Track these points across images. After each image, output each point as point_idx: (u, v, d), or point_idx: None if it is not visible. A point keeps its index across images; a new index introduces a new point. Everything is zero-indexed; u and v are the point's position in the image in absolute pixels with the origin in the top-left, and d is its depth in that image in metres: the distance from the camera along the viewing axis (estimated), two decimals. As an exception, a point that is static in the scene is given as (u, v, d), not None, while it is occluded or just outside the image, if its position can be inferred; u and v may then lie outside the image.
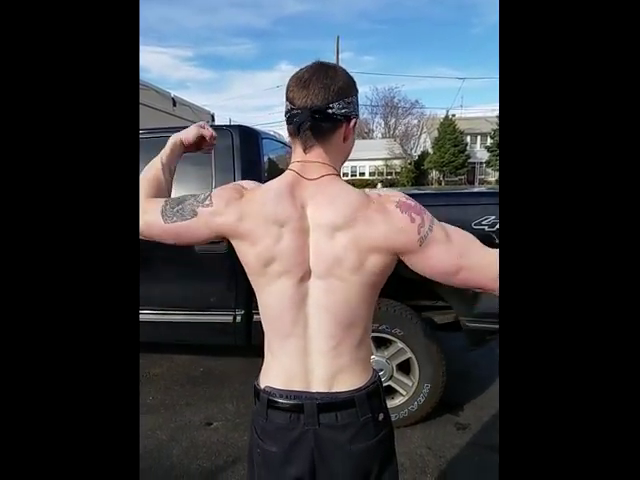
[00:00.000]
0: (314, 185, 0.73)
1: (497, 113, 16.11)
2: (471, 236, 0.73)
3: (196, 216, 0.75)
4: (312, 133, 0.72)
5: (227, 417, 2.25)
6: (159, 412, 2.31)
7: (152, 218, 0.77)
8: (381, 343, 2.09)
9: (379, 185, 19.08)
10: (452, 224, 0.74)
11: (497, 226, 1.75)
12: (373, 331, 1.87)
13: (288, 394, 0.75)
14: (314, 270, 0.72)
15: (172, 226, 0.76)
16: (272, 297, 0.75)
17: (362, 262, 0.70)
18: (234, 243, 0.76)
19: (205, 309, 2.17)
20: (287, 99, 0.73)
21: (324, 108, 0.70)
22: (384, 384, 1.99)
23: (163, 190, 0.87)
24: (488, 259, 0.69)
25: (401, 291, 1.98)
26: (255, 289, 0.78)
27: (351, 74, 0.75)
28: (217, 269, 2.11)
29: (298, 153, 0.75)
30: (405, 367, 2.09)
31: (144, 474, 1.77)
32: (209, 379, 2.69)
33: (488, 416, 2.21)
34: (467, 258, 0.70)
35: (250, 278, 0.78)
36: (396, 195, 0.73)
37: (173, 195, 0.88)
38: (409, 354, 2.04)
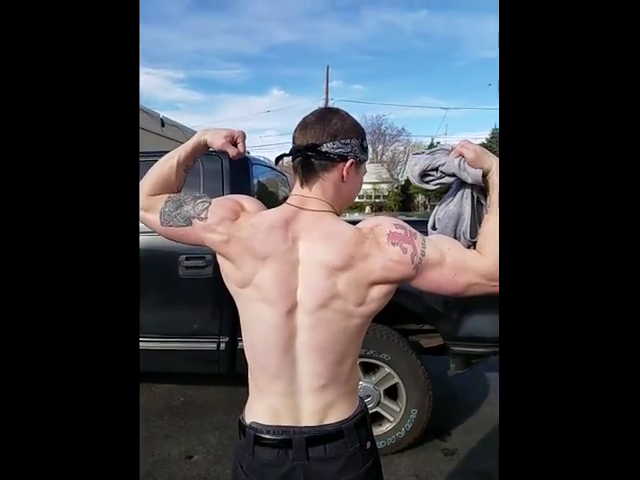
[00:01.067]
0: (309, 218, 0.74)
1: (479, 141, 16.92)
2: (457, 245, 0.76)
3: (190, 225, 0.78)
4: (303, 168, 0.76)
5: (209, 449, 2.16)
6: (137, 445, 2.19)
7: (151, 217, 0.81)
8: (369, 368, 2.07)
9: (367, 208, 19.65)
10: None
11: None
12: (360, 356, 1.83)
13: (275, 429, 0.74)
14: (302, 303, 0.72)
15: (167, 229, 0.80)
16: (256, 328, 0.75)
17: (364, 296, 0.73)
18: (219, 259, 0.78)
19: (188, 336, 2.11)
20: (292, 141, 0.78)
21: (312, 146, 0.74)
22: (371, 411, 1.96)
23: (172, 187, 0.84)
24: (481, 261, 0.73)
25: (388, 315, 1.97)
26: (239, 309, 0.78)
27: (356, 119, 0.78)
28: (201, 294, 2.07)
29: (296, 187, 0.79)
30: (392, 393, 2.07)
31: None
32: (190, 409, 2.59)
33: (476, 441, 2.18)
34: (462, 272, 0.72)
35: (233, 296, 0.79)
36: (386, 225, 0.74)
37: None
38: (396, 379, 2.02)
